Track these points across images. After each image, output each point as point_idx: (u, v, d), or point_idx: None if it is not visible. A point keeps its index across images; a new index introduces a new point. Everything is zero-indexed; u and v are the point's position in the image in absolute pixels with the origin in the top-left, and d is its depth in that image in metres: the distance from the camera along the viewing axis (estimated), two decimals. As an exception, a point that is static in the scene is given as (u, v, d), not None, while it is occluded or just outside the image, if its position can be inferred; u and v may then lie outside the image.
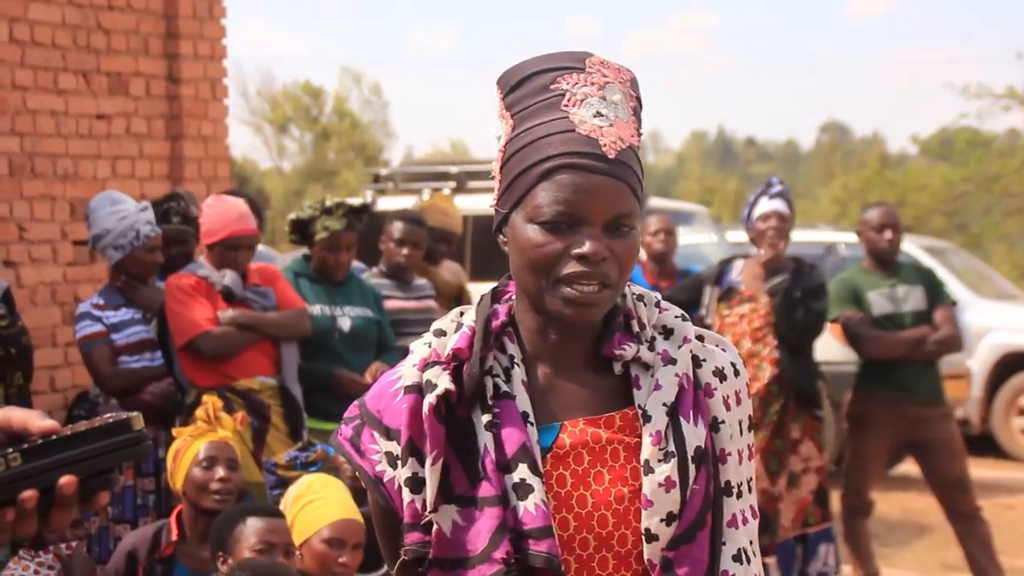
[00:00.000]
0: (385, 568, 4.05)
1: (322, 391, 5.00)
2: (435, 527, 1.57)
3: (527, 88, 1.63)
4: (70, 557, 3.67)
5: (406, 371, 1.63)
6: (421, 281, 5.81)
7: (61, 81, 6.41)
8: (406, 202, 8.65)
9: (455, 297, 6.24)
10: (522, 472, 1.55)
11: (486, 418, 1.57)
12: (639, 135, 1.64)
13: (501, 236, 1.66)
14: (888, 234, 5.85)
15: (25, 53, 6.27)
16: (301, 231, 5.23)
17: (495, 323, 1.64)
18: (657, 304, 1.68)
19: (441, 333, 1.65)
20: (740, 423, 1.65)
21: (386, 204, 8.85)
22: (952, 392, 7.71)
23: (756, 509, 1.67)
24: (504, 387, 1.59)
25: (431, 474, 1.56)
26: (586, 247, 1.56)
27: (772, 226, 5.66)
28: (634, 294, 1.67)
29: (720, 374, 1.64)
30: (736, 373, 1.66)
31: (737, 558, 1.59)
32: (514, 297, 1.68)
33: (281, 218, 20.93)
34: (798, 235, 7.52)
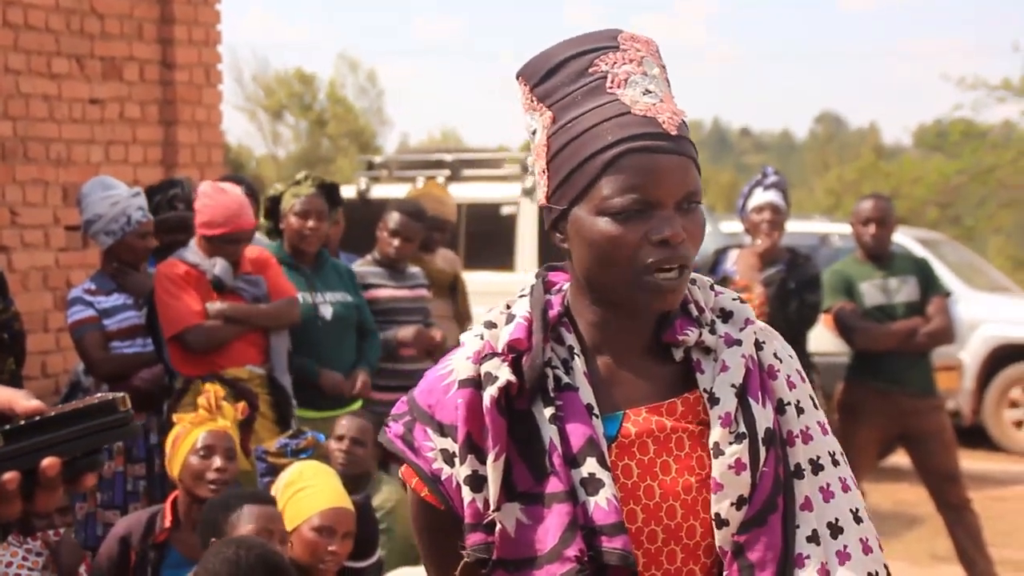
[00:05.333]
0: (376, 558, 4.06)
1: (311, 386, 5.02)
2: (498, 526, 1.50)
3: (562, 75, 1.55)
4: (58, 543, 3.66)
5: (458, 364, 1.56)
6: (414, 270, 5.81)
7: (54, 65, 6.39)
8: (400, 190, 8.64)
9: (449, 285, 6.24)
10: (591, 466, 1.49)
11: (549, 411, 1.51)
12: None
13: (558, 234, 1.58)
14: (872, 228, 5.82)
15: (18, 37, 6.24)
16: (276, 215, 5.22)
17: (552, 313, 1.58)
18: (711, 287, 1.64)
19: (492, 325, 1.58)
20: (811, 397, 1.61)
21: (380, 192, 8.84)
22: (944, 384, 7.72)
23: (848, 481, 1.59)
24: (565, 379, 1.53)
25: (493, 470, 1.49)
26: (666, 232, 1.50)
27: (766, 218, 5.65)
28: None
29: (778, 356, 1.61)
30: (790, 355, 1.63)
31: (812, 539, 1.52)
32: (566, 288, 1.62)
33: (275, 204, 20.82)
34: (792, 225, 7.52)
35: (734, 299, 1.63)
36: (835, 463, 1.59)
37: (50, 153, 6.37)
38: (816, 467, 1.57)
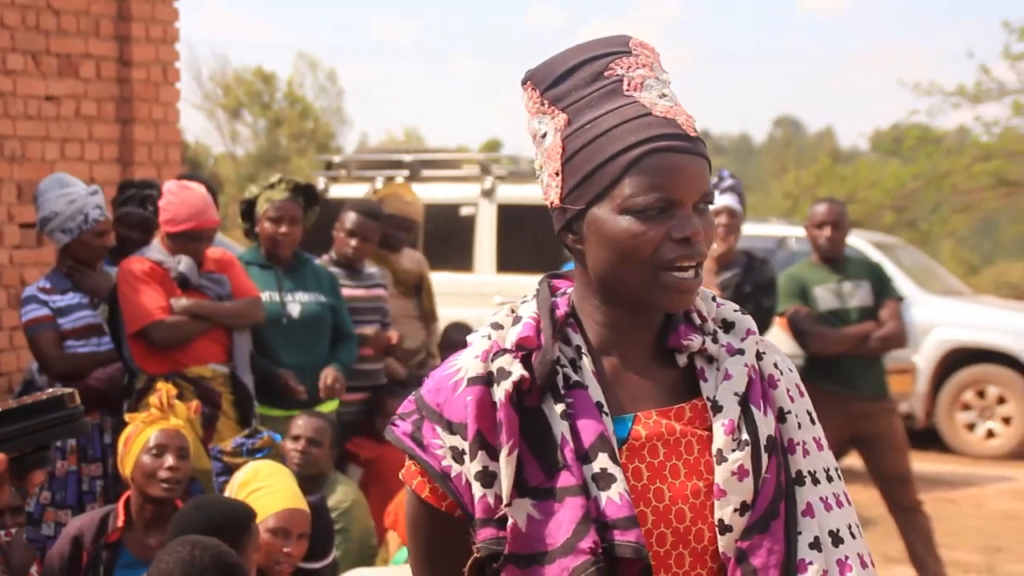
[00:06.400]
0: (331, 558, 4.06)
1: (268, 383, 5.00)
2: (510, 521, 1.51)
3: (575, 79, 1.58)
4: (9, 544, 3.63)
5: (467, 363, 1.58)
6: (372, 270, 5.81)
7: (9, 61, 6.33)
8: (359, 190, 8.61)
9: (415, 285, 6.23)
10: (602, 462, 1.51)
11: (560, 407, 1.53)
12: None
13: (571, 235, 1.60)
14: (827, 231, 5.88)
15: (-27, 32, 6.18)
16: (250, 212, 5.23)
17: (558, 313, 1.60)
18: (713, 298, 1.66)
19: (498, 326, 1.60)
20: (809, 413, 1.64)
21: (339, 191, 8.82)
22: (897, 386, 7.80)
23: (847, 496, 1.63)
24: (575, 377, 1.56)
25: (506, 465, 1.51)
26: (688, 230, 1.53)
27: (722, 222, 5.70)
28: None
29: (778, 368, 1.64)
30: (790, 369, 1.66)
31: (814, 546, 1.55)
32: (572, 291, 1.64)
33: (234, 203, 20.76)
34: (749, 228, 7.57)
35: (735, 310, 1.66)
36: (830, 479, 1.62)
37: (4, 150, 6.31)
38: (814, 480, 1.60)
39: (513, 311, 1.63)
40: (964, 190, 17.66)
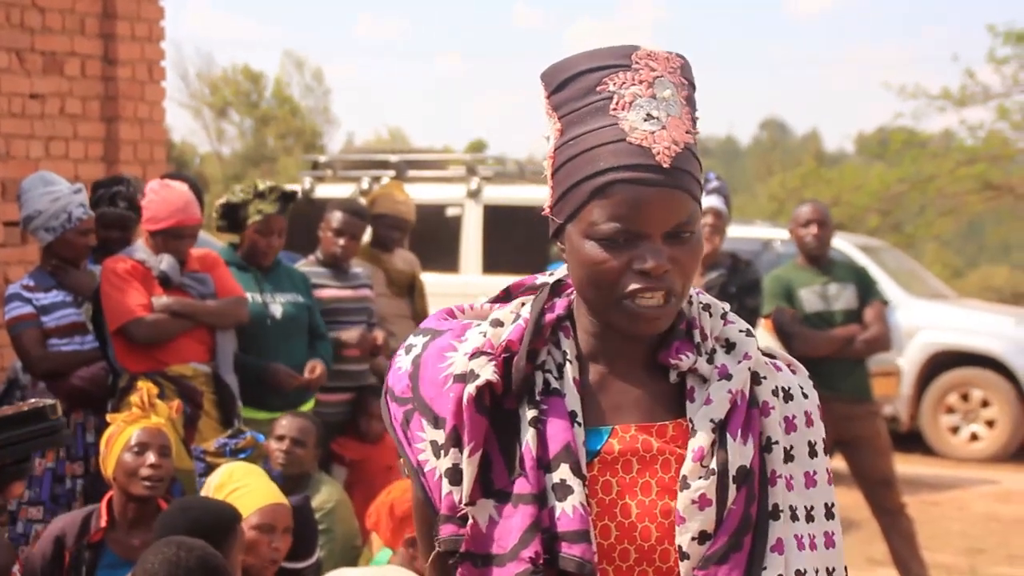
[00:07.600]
0: (314, 559, 4.05)
1: (257, 383, 4.99)
2: (470, 520, 1.53)
3: (573, 89, 1.56)
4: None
5: (457, 359, 1.58)
6: (357, 270, 5.80)
7: (-6, 59, 6.31)
8: (345, 190, 8.61)
9: (408, 286, 6.23)
10: (563, 472, 1.51)
11: (531, 413, 1.53)
12: (694, 122, 1.56)
13: (559, 244, 1.60)
14: (813, 229, 5.90)
15: (-43, 29, 6.16)
16: (231, 216, 5.20)
17: (550, 316, 1.59)
18: (723, 316, 1.63)
19: (499, 323, 1.59)
20: (812, 444, 1.60)
21: (325, 191, 8.80)
22: (882, 389, 7.83)
23: (832, 536, 1.59)
24: (554, 383, 1.55)
25: (468, 466, 1.52)
26: (648, 263, 1.50)
27: (708, 223, 5.72)
28: (700, 303, 1.61)
29: (785, 394, 1.59)
30: (805, 395, 1.61)
31: None
32: (574, 292, 1.62)
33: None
34: (735, 231, 7.59)
35: (741, 331, 1.62)
36: (810, 517, 1.58)
37: (-11, 148, 6.29)
38: (794, 516, 1.57)
39: (523, 304, 1.62)
40: (949, 193, 17.70)
